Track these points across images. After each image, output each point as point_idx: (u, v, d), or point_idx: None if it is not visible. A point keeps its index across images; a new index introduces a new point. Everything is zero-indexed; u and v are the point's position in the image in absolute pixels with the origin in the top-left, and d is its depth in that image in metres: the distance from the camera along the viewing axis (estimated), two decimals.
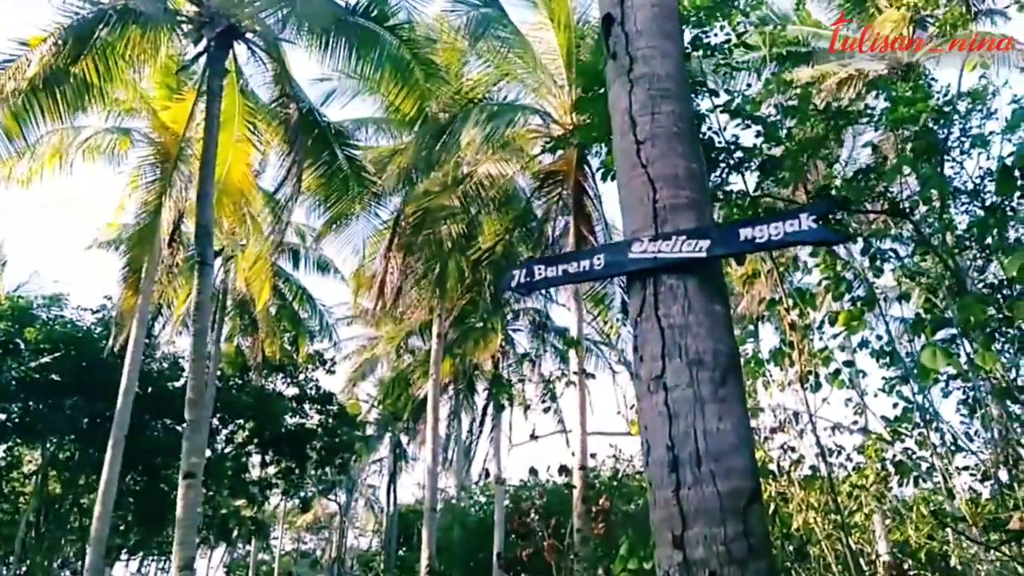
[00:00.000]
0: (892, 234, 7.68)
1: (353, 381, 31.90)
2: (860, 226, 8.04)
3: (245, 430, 27.86)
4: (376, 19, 14.40)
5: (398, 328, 24.79)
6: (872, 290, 6.87)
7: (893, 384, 6.62)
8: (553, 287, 4.87)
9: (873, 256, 6.86)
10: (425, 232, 16.82)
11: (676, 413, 3.27)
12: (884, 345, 6.66)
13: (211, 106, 13.22)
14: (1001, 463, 6.34)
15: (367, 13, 14.31)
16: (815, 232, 3.27)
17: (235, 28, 13.53)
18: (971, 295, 6.19)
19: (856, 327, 6.37)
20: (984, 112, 7.14)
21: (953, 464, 6.47)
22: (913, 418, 6.41)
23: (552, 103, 16.54)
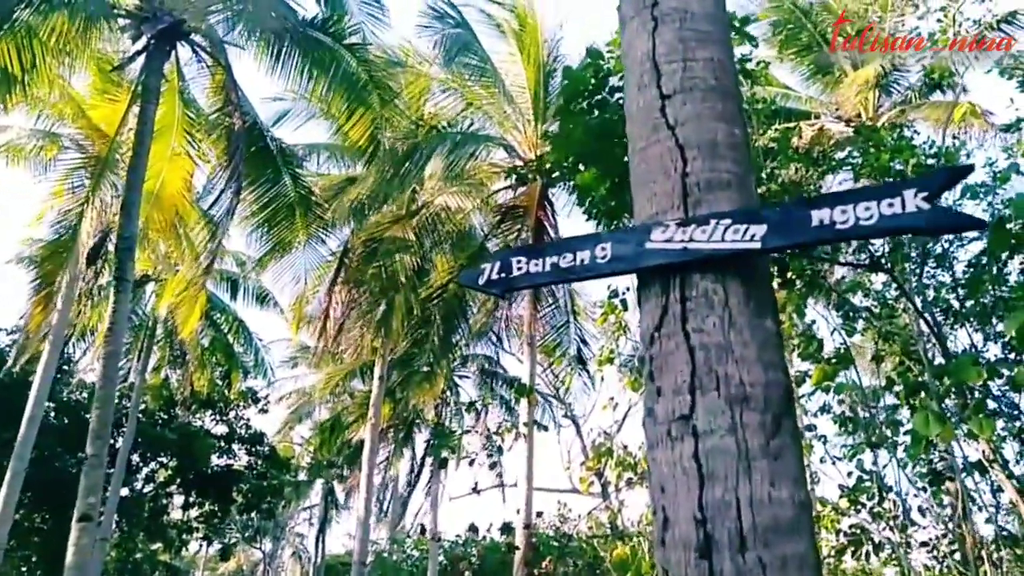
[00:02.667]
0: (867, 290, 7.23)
1: (290, 424, 30.16)
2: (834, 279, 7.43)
3: (167, 469, 25.97)
4: (334, 35, 13.45)
5: (337, 368, 23.36)
6: (848, 349, 6.34)
7: (855, 451, 6.26)
8: (538, 286, 3.88)
9: (847, 313, 6.42)
10: (375, 264, 15.66)
11: (711, 472, 2.24)
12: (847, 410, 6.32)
13: (146, 107, 12.02)
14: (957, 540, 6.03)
15: (324, 27, 13.36)
16: (928, 216, 2.28)
17: (179, 27, 12.43)
18: (966, 356, 5.70)
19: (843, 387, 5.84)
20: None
21: (908, 538, 6.16)
22: (870, 488, 6.09)
23: (517, 137, 15.76)
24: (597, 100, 5.80)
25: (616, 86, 5.70)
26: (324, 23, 13.41)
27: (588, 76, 5.79)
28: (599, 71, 5.78)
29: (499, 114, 15.82)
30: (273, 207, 14.49)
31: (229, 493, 26.09)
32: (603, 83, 5.79)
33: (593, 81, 5.75)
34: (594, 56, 5.72)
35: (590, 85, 5.74)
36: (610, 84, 5.83)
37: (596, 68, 5.75)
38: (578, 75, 5.85)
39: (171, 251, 20.50)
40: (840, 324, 6.33)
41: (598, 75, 5.77)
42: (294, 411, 28.59)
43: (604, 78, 5.78)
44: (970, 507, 6.07)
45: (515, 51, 15.95)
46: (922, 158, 6.25)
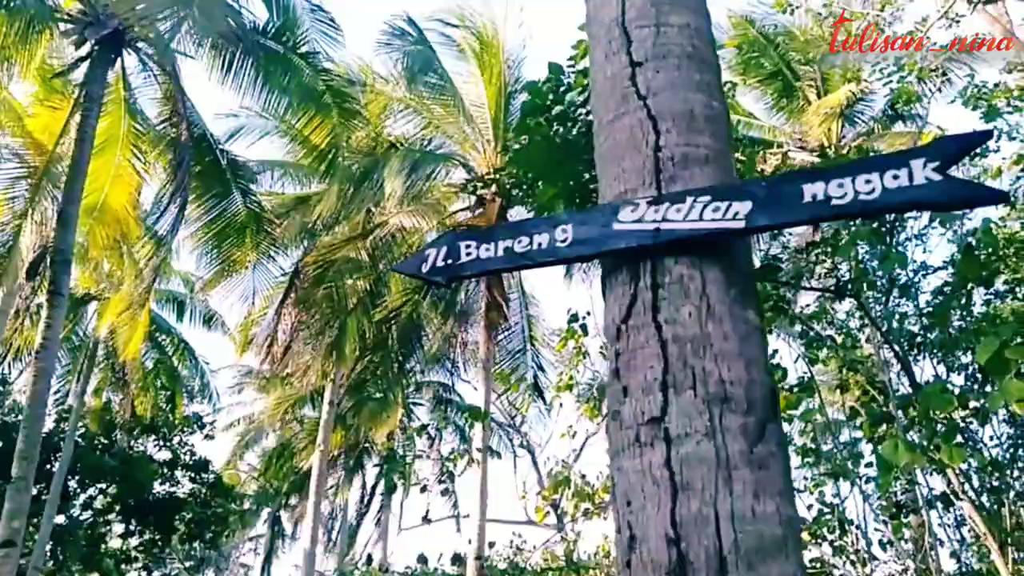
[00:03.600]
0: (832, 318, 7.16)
1: (237, 451, 29.19)
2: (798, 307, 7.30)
3: (106, 495, 24.87)
4: (287, 45, 13.10)
5: (287, 393, 22.66)
6: (813, 378, 6.18)
7: (817, 483, 6.19)
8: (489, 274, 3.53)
9: (810, 341, 6.29)
10: (327, 285, 15.18)
11: (686, 482, 1.92)
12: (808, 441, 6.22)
13: (87, 115, 11.50)
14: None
15: (277, 37, 13.00)
16: (942, 189, 2.00)
17: (125, 33, 11.95)
18: (936, 385, 5.64)
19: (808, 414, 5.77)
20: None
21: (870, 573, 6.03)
22: (831, 522, 6.01)
23: (476, 158, 15.51)
24: (556, 115, 5.59)
25: (576, 101, 5.50)
26: (277, 32, 13.06)
27: (547, 91, 5.59)
28: (559, 86, 5.58)
29: (459, 134, 15.57)
30: (222, 224, 13.98)
31: (171, 522, 25.06)
32: (563, 98, 5.59)
33: (552, 96, 5.54)
34: (554, 71, 5.53)
35: (549, 100, 5.54)
36: (569, 99, 5.63)
37: (556, 83, 5.55)
38: (538, 89, 5.63)
39: (114, 269, 19.79)
40: (803, 352, 6.20)
41: (558, 90, 5.58)
42: (241, 438, 27.68)
43: (564, 93, 5.58)
44: (933, 541, 6.01)
45: (476, 71, 15.76)
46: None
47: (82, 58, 12.17)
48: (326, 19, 13.40)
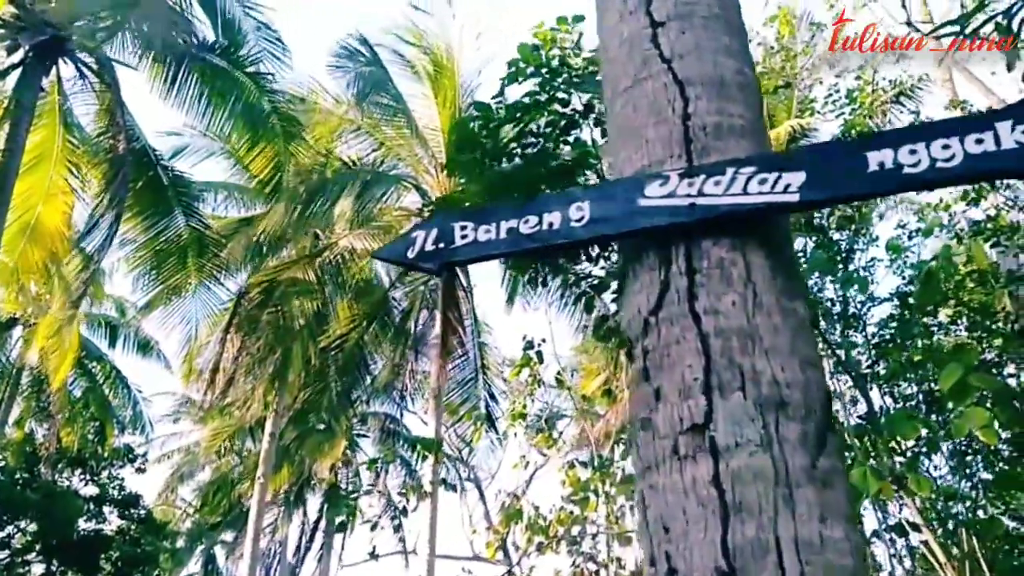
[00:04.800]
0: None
1: (172, 486, 27.82)
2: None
3: (26, 534, 23.42)
4: (234, 62, 12.63)
5: (225, 424, 21.71)
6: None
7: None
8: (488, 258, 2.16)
9: None
10: (272, 308, 14.56)
11: (739, 502, 1.58)
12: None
13: (17, 124, 10.83)
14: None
15: (225, 53, 12.53)
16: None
17: (62, 41, 11.35)
18: (900, 411, 5.56)
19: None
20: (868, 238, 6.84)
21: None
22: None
23: (429, 181, 15.17)
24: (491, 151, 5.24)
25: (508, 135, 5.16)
26: (224, 49, 12.59)
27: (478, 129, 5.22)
28: (489, 121, 5.22)
29: (411, 156, 15.23)
30: (162, 244, 13.32)
31: (97, 561, 23.66)
32: (495, 134, 5.22)
33: (486, 132, 5.19)
34: (481, 108, 5.19)
35: (483, 137, 5.18)
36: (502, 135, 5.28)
37: (486, 119, 5.20)
38: (465, 125, 5.29)
39: (42, 292, 18.78)
40: None
41: (489, 126, 5.22)
42: (176, 471, 26.42)
43: (496, 128, 5.21)
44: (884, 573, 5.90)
45: (429, 92, 15.47)
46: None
47: (13, 65, 11.50)
48: (272, 38, 13.01)
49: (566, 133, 5.06)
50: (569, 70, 4.95)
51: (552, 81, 4.92)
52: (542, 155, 4.90)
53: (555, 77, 4.93)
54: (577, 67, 5.00)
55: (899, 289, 6.62)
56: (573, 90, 4.97)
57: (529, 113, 4.90)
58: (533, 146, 5.03)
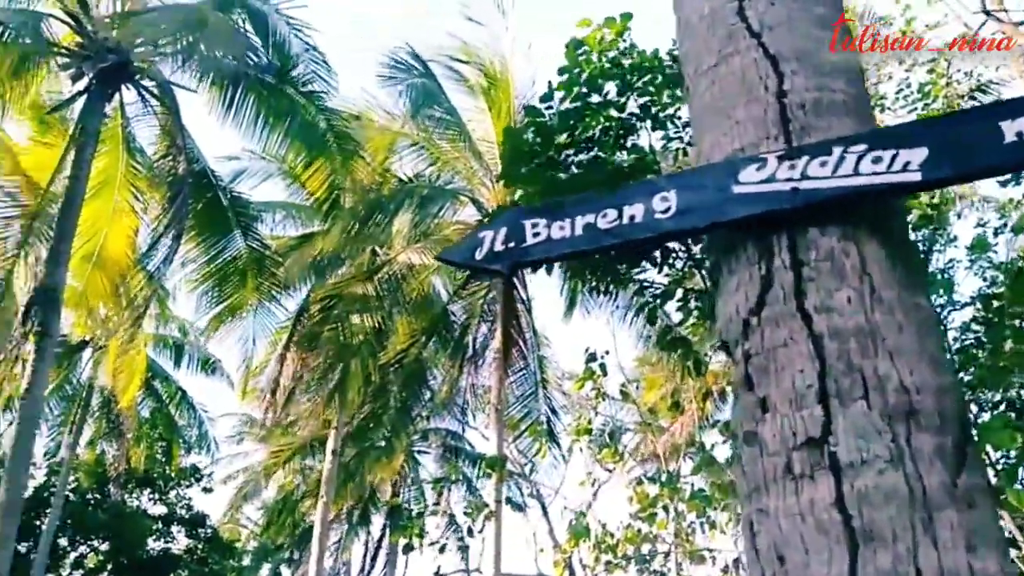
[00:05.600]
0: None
1: (236, 504, 28.18)
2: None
3: (98, 553, 23.97)
4: (290, 82, 12.74)
5: (287, 442, 21.90)
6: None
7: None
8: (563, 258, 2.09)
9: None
10: (331, 325, 14.61)
11: (868, 529, 1.34)
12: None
13: (83, 150, 11.08)
14: None
15: (280, 73, 12.63)
16: None
17: (125, 67, 11.60)
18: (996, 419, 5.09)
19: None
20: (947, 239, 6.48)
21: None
22: None
23: (485, 194, 15.08)
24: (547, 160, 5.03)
25: (562, 143, 4.95)
26: (279, 69, 12.70)
27: (530, 137, 5.02)
28: (541, 129, 5.03)
29: (466, 169, 15.17)
30: (222, 264, 13.48)
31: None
32: (549, 142, 5.02)
33: (540, 140, 4.99)
34: (532, 114, 5.00)
35: (537, 145, 4.99)
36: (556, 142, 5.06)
37: (538, 127, 5.01)
38: (517, 135, 5.06)
39: (111, 315, 19.23)
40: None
41: (541, 133, 5.02)
42: (240, 490, 26.75)
43: (549, 136, 5.00)
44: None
45: (483, 106, 15.42)
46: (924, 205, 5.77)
47: (79, 93, 11.80)
48: (319, 60, 13.06)
49: (623, 138, 4.85)
50: (622, 71, 4.74)
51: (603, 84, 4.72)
52: (598, 162, 4.69)
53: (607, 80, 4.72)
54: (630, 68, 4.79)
55: (981, 291, 6.22)
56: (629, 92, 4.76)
57: (582, 120, 4.71)
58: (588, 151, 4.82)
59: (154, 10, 11.88)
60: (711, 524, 6.43)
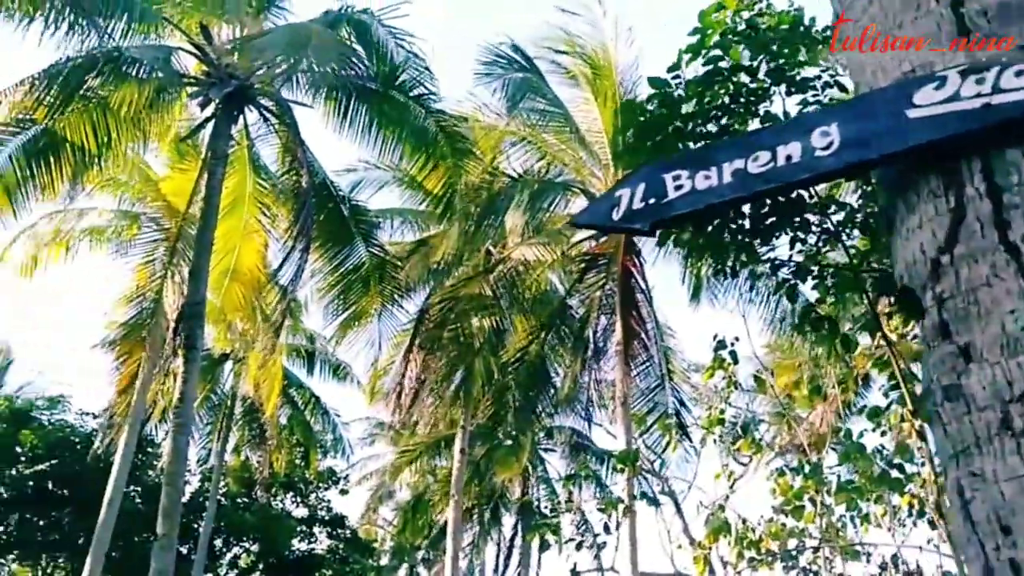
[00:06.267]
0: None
1: (372, 506, 29.07)
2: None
3: (250, 554, 25.30)
4: (399, 88, 12.95)
5: (416, 443, 22.38)
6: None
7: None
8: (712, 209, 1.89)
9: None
10: (452, 326, 14.79)
11: None
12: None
13: (215, 170, 11.66)
14: None
15: (388, 81, 12.86)
16: None
17: (246, 90, 12.12)
18: None
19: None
20: None
21: None
22: None
23: (596, 184, 14.89)
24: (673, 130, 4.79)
25: (689, 113, 4.69)
26: (388, 77, 12.93)
27: (656, 109, 4.79)
28: (667, 99, 4.78)
29: (575, 161, 15.01)
30: (346, 272, 13.87)
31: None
32: (675, 113, 4.77)
33: (663, 112, 4.75)
34: (658, 85, 4.75)
35: (661, 116, 4.75)
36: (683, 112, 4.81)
37: (663, 97, 4.76)
38: (643, 108, 4.82)
39: (248, 328, 20.19)
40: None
41: (666, 105, 4.77)
42: (375, 492, 27.59)
43: (675, 106, 4.75)
44: None
45: (588, 95, 15.22)
46: None
47: (207, 119, 12.42)
48: (421, 67, 13.20)
49: (754, 105, 4.57)
50: (757, 33, 4.45)
51: (735, 47, 4.43)
52: (728, 132, 4.43)
53: (740, 42, 4.44)
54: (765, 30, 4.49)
55: None
56: (763, 55, 4.47)
57: (711, 87, 4.46)
58: (717, 121, 4.56)
59: (269, 33, 12.34)
60: (863, 517, 6.07)
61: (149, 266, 15.06)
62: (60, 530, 21.46)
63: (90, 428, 22.84)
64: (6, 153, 12.34)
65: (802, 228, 4.46)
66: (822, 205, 4.54)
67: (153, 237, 15.35)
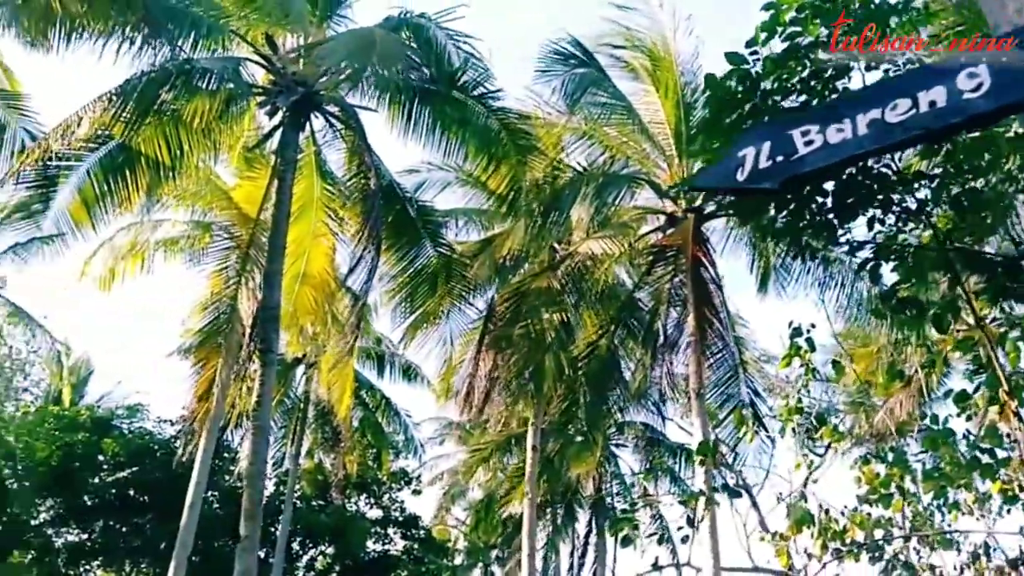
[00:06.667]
0: None
1: (445, 506, 29.27)
2: None
3: (326, 556, 25.73)
4: (460, 88, 13.00)
5: (486, 441, 22.46)
6: None
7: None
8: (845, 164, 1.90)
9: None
10: (522, 323, 14.80)
11: None
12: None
13: (285, 176, 11.92)
14: None
15: (450, 82, 12.93)
16: None
17: (312, 97, 12.34)
18: None
19: None
20: None
21: None
22: None
23: (661, 176, 14.72)
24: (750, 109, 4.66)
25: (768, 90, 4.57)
26: (450, 78, 13.00)
27: (734, 85, 4.67)
28: (746, 77, 4.65)
29: (638, 152, 14.87)
30: (415, 273, 14.00)
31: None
32: (754, 89, 4.64)
33: (741, 88, 4.63)
34: (736, 61, 4.62)
35: (739, 93, 4.62)
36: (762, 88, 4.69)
37: (741, 74, 4.64)
38: (722, 84, 4.70)
39: (319, 332, 20.55)
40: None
41: (746, 81, 4.64)
42: (448, 491, 27.79)
43: (755, 83, 4.63)
44: None
45: (649, 87, 15.06)
46: None
47: (275, 127, 12.69)
48: (480, 68, 13.20)
49: (833, 82, 4.44)
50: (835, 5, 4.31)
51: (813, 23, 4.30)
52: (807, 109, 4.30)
53: (819, 16, 4.30)
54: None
55: None
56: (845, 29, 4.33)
57: (787, 64, 4.34)
58: (797, 97, 4.44)
59: (332, 39, 12.54)
60: (952, 505, 5.85)
61: (222, 273, 15.42)
62: (142, 536, 22.07)
63: (168, 435, 23.55)
64: (85, 168, 12.85)
65: (884, 207, 4.31)
66: (906, 182, 4.38)
67: (225, 245, 15.73)
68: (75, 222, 13.51)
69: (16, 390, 27.69)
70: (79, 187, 12.90)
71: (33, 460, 21.54)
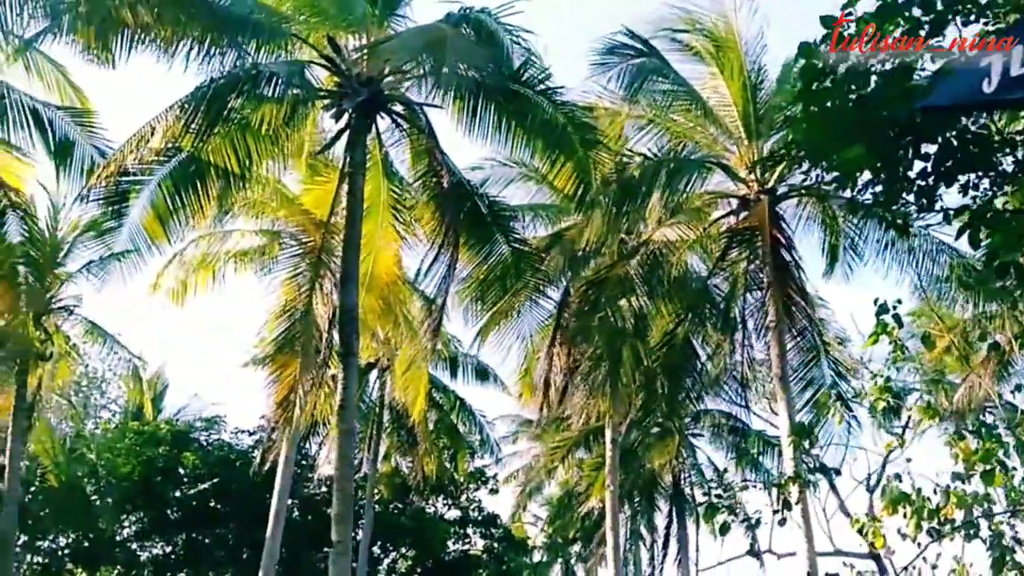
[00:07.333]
0: None
1: (521, 504, 29.16)
2: None
3: (406, 559, 25.90)
4: (524, 83, 12.82)
5: (563, 437, 22.29)
6: None
7: None
8: None
9: None
10: (598, 314, 14.61)
11: None
12: None
13: (354, 179, 11.94)
14: None
15: (514, 78, 12.76)
16: None
17: (378, 97, 12.32)
18: None
19: None
20: None
21: None
22: None
23: (732, 158, 14.35)
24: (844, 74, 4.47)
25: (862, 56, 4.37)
26: (514, 74, 12.83)
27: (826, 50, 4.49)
28: (840, 40, 4.47)
29: (705, 137, 14.54)
30: (490, 269, 13.86)
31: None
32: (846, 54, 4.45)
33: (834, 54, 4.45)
34: (828, 24, 4.44)
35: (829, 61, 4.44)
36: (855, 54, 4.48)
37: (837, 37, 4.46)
38: (812, 49, 4.52)
39: (390, 335, 20.61)
40: None
41: (838, 44, 4.46)
42: (524, 488, 27.71)
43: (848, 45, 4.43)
44: None
45: (714, 70, 14.71)
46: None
47: (341, 130, 12.69)
48: (540, 63, 13.00)
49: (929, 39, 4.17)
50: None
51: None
52: (900, 71, 4.03)
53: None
54: None
55: None
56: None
57: (882, 25, 4.09)
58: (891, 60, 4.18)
59: (397, 37, 12.49)
60: None
61: (294, 280, 15.49)
62: (225, 546, 22.46)
63: (246, 445, 23.99)
64: (157, 181, 12.99)
65: (983, 170, 4.06)
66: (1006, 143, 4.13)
67: (295, 252, 15.81)
68: (150, 237, 13.62)
69: (95, 408, 28.58)
70: (152, 201, 12.99)
71: (116, 476, 22.13)
